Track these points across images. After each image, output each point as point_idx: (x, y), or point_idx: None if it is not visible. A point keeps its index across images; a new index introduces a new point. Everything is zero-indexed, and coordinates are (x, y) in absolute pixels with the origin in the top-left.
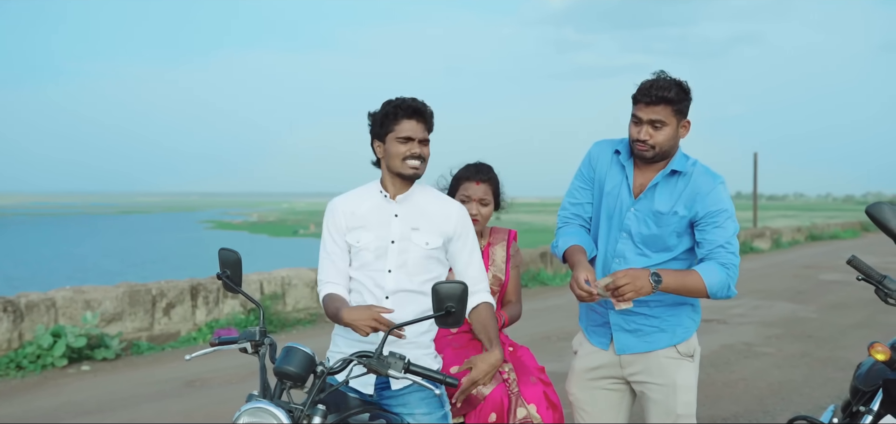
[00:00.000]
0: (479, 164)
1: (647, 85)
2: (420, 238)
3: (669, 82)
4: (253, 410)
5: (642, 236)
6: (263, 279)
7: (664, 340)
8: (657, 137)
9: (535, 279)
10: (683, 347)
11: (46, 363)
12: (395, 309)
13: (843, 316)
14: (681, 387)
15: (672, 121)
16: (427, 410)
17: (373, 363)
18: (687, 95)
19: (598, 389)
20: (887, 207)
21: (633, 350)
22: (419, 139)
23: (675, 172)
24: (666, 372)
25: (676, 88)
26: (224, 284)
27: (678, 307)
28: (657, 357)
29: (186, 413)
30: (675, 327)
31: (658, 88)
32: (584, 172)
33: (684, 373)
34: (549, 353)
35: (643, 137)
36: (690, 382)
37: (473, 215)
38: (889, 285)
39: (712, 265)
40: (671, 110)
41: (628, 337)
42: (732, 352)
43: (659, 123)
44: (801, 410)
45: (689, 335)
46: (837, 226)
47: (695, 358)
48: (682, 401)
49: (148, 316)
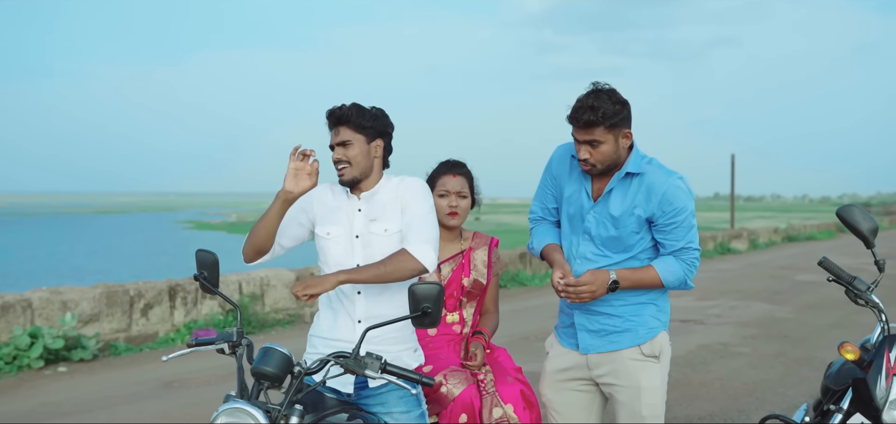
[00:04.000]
0: (454, 160)
1: (576, 108)
2: (378, 227)
3: (598, 102)
4: (230, 410)
5: (602, 239)
6: (242, 279)
7: (627, 340)
8: (596, 156)
9: (515, 279)
10: (647, 347)
11: (23, 365)
12: (370, 303)
13: (819, 316)
14: (645, 389)
15: (608, 137)
16: (404, 409)
17: (349, 363)
18: (621, 108)
19: (568, 390)
20: (857, 209)
21: (597, 350)
22: (338, 143)
23: (629, 174)
24: (630, 374)
25: (605, 107)
26: (201, 285)
27: (641, 307)
28: (622, 358)
29: (164, 413)
30: (638, 327)
31: (584, 111)
32: (547, 175)
33: (649, 374)
34: (526, 353)
35: (583, 156)
36: (655, 383)
37: (453, 206)
38: (859, 285)
39: (669, 259)
40: (603, 129)
41: (592, 338)
42: (709, 352)
43: (596, 143)
44: (777, 409)
45: (654, 335)
46: (814, 227)
47: (661, 359)
48: (647, 403)
49: (125, 317)
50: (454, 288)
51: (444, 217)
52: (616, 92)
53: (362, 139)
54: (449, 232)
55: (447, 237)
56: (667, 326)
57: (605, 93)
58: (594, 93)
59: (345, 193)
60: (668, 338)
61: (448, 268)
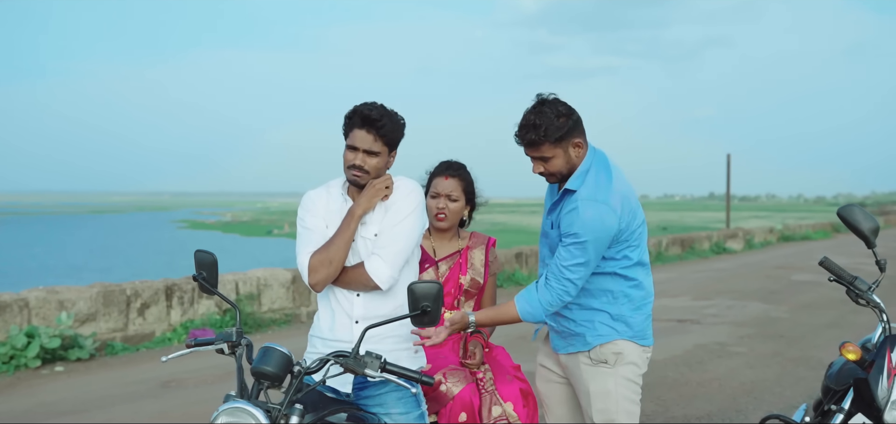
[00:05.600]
0: (451, 161)
1: (521, 126)
2: (368, 231)
3: (540, 119)
4: (231, 410)
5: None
6: (239, 279)
7: (578, 343)
8: (549, 168)
9: (510, 279)
10: (596, 353)
11: (20, 364)
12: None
13: (815, 316)
14: (593, 394)
15: (556, 151)
16: (404, 409)
17: (349, 362)
18: (566, 121)
19: (553, 383)
20: (858, 209)
21: (562, 351)
22: (364, 150)
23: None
24: (582, 377)
25: (548, 122)
26: (200, 285)
27: (591, 312)
28: (576, 361)
29: (162, 413)
30: (587, 332)
31: (528, 130)
32: None
33: (599, 380)
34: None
35: (536, 170)
36: (607, 388)
37: (441, 208)
38: (860, 285)
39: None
40: (549, 144)
41: (557, 338)
42: (706, 352)
43: (545, 158)
44: (774, 409)
45: (604, 341)
46: (809, 227)
47: (616, 366)
48: (597, 408)
49: (122, 317)
50: (451, 287)
51: (432, 219)
52: (560, 103)
53: (386, 151)
54: (444, 232)
55: (444, 237)
56: (628, 335)
57: (549, 106)
58: (537, 109)
59: (342, 195)
60: (641, 347)
61: (445, 266)
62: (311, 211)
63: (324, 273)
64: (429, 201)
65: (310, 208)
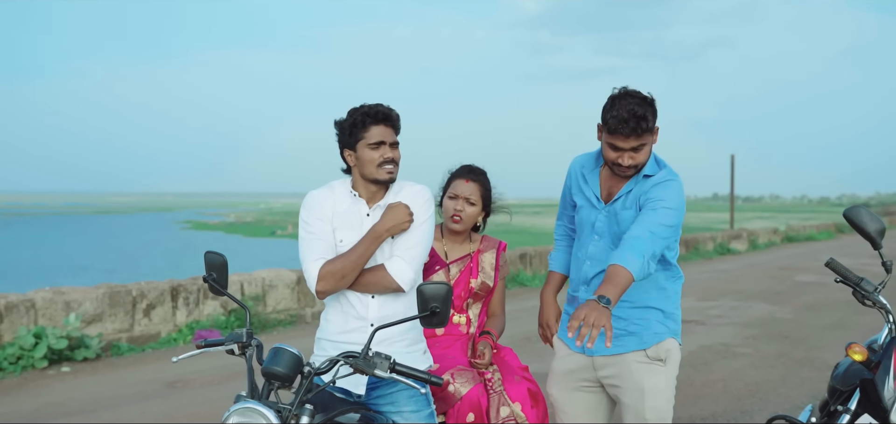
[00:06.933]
0: (473, 166)
1: (624, 117)
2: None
3: (642, 109)
4: (242, 410)
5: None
6: (244, 280)
7: (633, 343)
8: (639, 158)
9: (515, 280)
10: (653, 351)
11: (27, 365)
12: (381, 309)
13: (819, 317)
14: (649, 392)
15: (650, 139)
16: (414, 408)
17: (359, 363)
18: (656, 109)
19: (575, 390)
20: (864, 210)
21: (605, 353)
22: (390, 143)
23: (646, 176)
24: (635, 376)
25: (649, 112)
26: (210, 286)
27: (646, 310)
28: (626, 361)
29: (168, 413)
30: (643, 330)
31: (636, 120)
32: (564, 188)
33: (654, 378)
34: (529, 353)
35: (626, 162)
36: (660, 386)
37: (458, 210)
38: (866, 286)
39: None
40: (649, 134)
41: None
42: (710, 353)
43: (640, 147)
44: (779, 410)
45: (660, 339)
46: (813, 228)
47: (668, 363)
48: (651, 406)
49: (128, 317)
50: (461, 289)
51: (448, 220)
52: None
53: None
54: (457, 234)
55: (456, 240)
56: (675, 334)
57: (645, 98)
58: (637, 100)
59: (350, 197)
60: (679, 345)
61: (456, 269)
62: (317, 213)
63: (332, 285)
64: (446, 202)
65: (315, 210)
